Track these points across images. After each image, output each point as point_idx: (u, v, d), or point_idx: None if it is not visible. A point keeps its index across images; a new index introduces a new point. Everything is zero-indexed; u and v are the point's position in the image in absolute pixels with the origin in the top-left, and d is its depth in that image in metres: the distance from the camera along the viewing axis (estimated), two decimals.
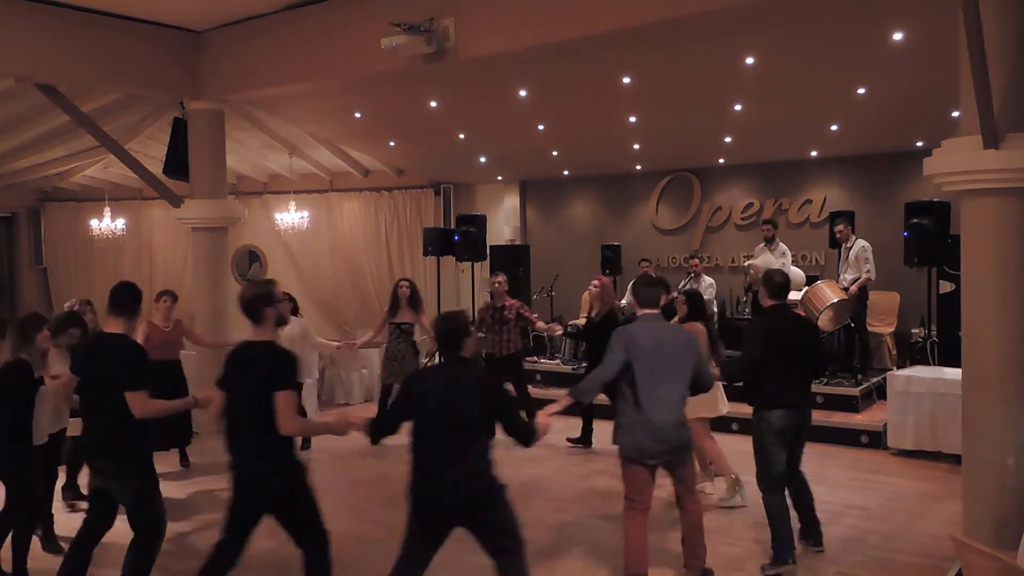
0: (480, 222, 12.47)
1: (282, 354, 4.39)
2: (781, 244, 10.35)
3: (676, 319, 6.80)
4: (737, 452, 8.29)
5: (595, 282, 8.66)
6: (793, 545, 5.39)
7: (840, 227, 9.83)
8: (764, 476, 5.52)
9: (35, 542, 5.58)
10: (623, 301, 11.65)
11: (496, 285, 9.12)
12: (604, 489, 7.22)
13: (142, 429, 4.71)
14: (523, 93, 9.42)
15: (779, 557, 5.35)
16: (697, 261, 11.07)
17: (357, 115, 10.99)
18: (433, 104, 10.08)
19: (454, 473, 4.11)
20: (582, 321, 12.03)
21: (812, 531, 5.75)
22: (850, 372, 9.57)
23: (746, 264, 10.18)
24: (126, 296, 4.83)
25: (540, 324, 9.26)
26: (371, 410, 10.88)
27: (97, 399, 4.73)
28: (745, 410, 9.24)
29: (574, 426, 8.85)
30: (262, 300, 4.43)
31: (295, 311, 8.73)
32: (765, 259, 10.01)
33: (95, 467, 4.83)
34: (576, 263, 13.13)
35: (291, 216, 13.84)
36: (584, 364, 11.03)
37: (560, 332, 9.92)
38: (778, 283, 5.61)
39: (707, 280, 10.84)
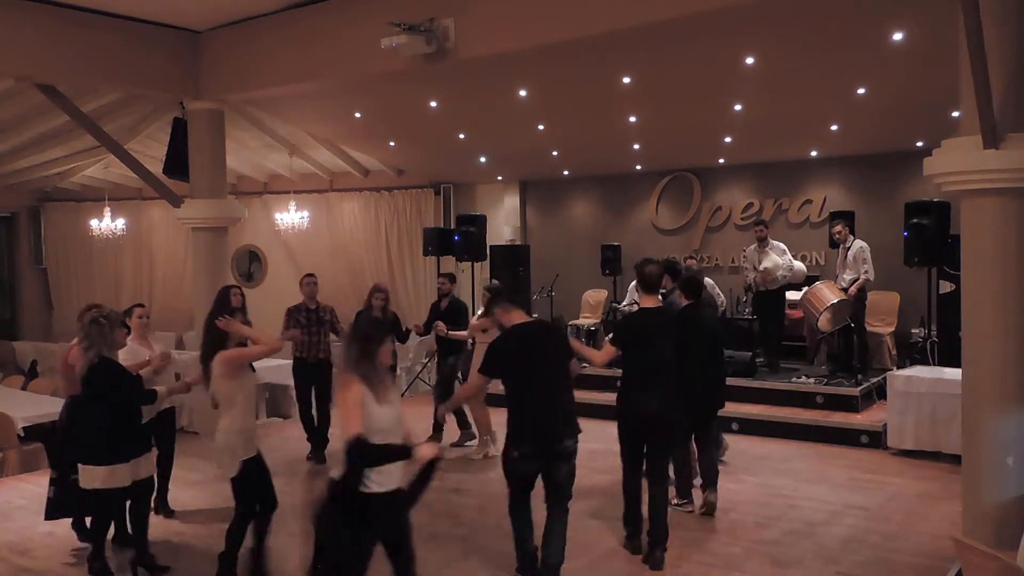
0: (480, 222, 12.47)
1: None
2: (776, 242, 10.35)
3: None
4: (739, 452, 8.30)
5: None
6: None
7: (838, 227, 9.84)
8: None
9: None
10: (624, 303, 11.66)
11: (309, 286, 8.72)
12: (604, 489, 7.21)
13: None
14: (523, 93, 9.42)
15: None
16: (694, 261, 11.07)
17: (357, 115, 10.99)
18: (433, 104, 10.08)
19: None
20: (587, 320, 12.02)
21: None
22: (850, 372, 9.57)
23: (760, 268, 10.12)
24: None
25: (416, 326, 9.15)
26: None
27: None
28: (743, 409, 9.31)
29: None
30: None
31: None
32: (773, 261, 10.01)
33: None
34: (576, 263, 13.14)
35: (291, 216, 13.84)
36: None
37: (444, 332, 9.11)
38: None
39: (707, 280, 10.81)
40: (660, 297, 6.07)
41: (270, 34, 8.87)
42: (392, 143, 12.58)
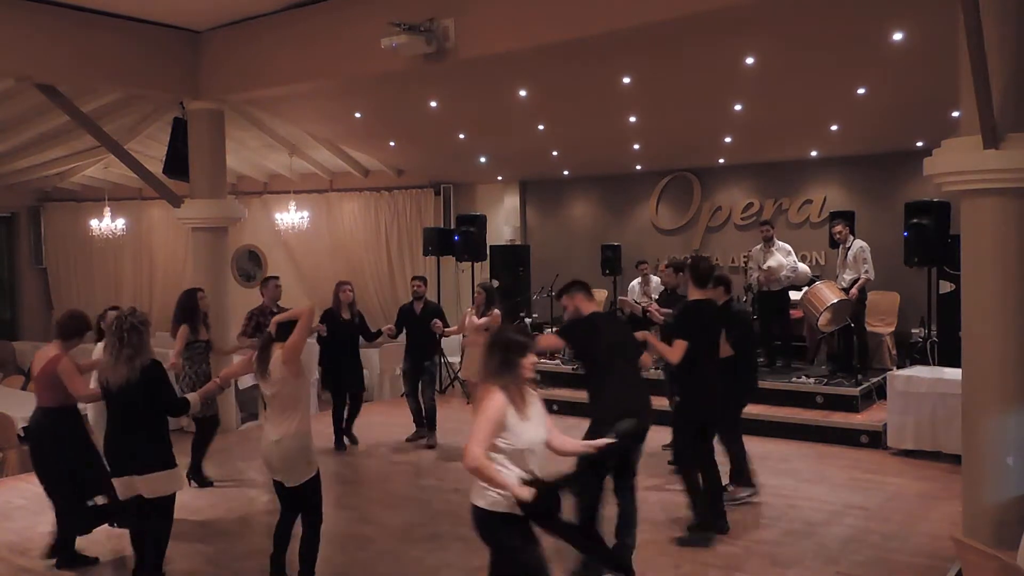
0: (480, 222, 12.47)
1: None
2: (782, 243, 10.36)
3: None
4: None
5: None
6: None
7: (838, 227, 9.83)
8: None
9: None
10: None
11: (275, 289, 8.48)
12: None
13: None
14: (523, 93, 9.42)
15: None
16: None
17: (357, 115, 10.99)
18: (433, 104, 10.08)
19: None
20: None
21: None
22: (850, 372, 9.56)
23: (764, 267, 10.13)
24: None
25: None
26: (371, 410, 10.90)
27: None
28: (745, 409, 9.29)
29: None
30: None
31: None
32: (777, 260, 10.01)
33: None
34: (576, 263, 13.12)
35: (291, 216, 13.84)
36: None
37: (442, 331, 9.20)
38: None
39: None
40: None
41: (270, 34, 8.88)
42: (392, 143, 12.58)
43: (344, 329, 8.86)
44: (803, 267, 10.47)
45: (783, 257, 10.10)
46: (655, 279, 11.59)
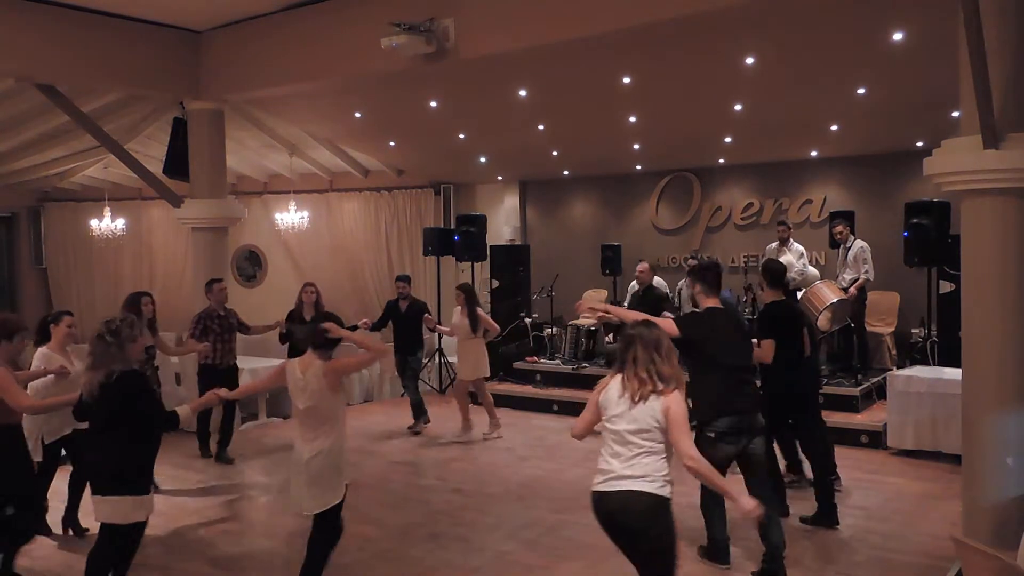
0: (480, 222, 12.47)
1: None
2: (796, 244, 10.35)
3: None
4: None
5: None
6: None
7: (839, 227, 9.83)
8: None
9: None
10: (624, 303, 11.65)
11: (221, 292, 8.29)
12: None
13: None
14: (523, 93, 9.42)
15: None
16: (695, 262, 11.06)
17: (357, 115, 10.99)
18: (433, 104, 10.08)
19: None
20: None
21: None
22: (850, 372, 9.56)
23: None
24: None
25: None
26: (370, 410, 10.91)
27: None
28: None
29: None
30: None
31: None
32: (786, 260, 10.01)
33: None
34: (576, 263, 13.13)
35: (291, 216, 13.85)
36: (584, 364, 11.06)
37: (435, 327, 9.79)
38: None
39: None
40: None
41: (270, 34, 8.88)
42: (392, 143, 12.58)
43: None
44: (812, 271, 10.43)
45: (794, 259, 10.09)
46: (656, 278, 11.60)
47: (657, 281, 11.51)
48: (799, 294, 10.36)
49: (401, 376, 9.75)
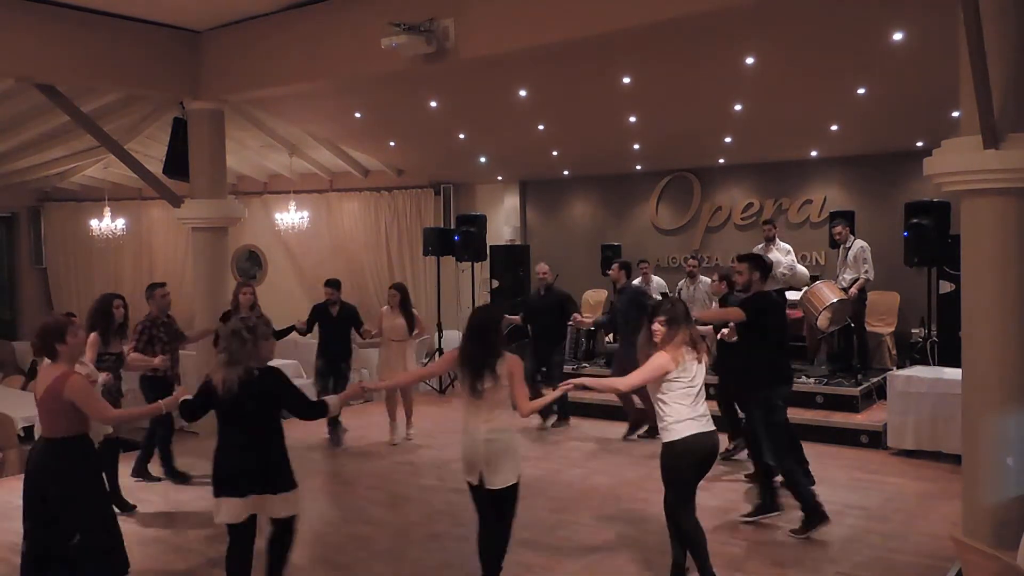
0: (480, 222, 12.47)
1: None
2: (783, 243, 10.37)
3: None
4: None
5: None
6: None
7: (838, 228, 9.83)
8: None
9: None
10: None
11: (164, 297, 7.67)
12: (604, 489, 7.22)
13: None
14: (523, 93, 9.42)
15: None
16: (695, 262, 11.07)
17: (357, 115, 10.99)
18: (433, 104, 10.08)
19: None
20: None
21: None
22: (850, 372, 9.56)
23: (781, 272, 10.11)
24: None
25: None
26: (369, 410, 10.90)
27: None
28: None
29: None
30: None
31: None
32: (775, 257, 10.02)
33: None
34: (576, 263, 13.13)
35: (291, 216, 13.85)
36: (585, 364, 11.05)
37: (373, 335, 9.07)
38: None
39: (705, 280, 10.79)
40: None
41: (270, 34, 8.87)
42: (392, 143, 12.58)
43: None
44: (801, 268, 10.46)
45: (781, 256, 10.10)
46: (656, 279, 11.60)
47: (657, 282, 11.52)
48: (791, 292, 10.43)
49: (321, 382, 8.93)
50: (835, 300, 9.15)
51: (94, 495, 4.60)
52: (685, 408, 4.82)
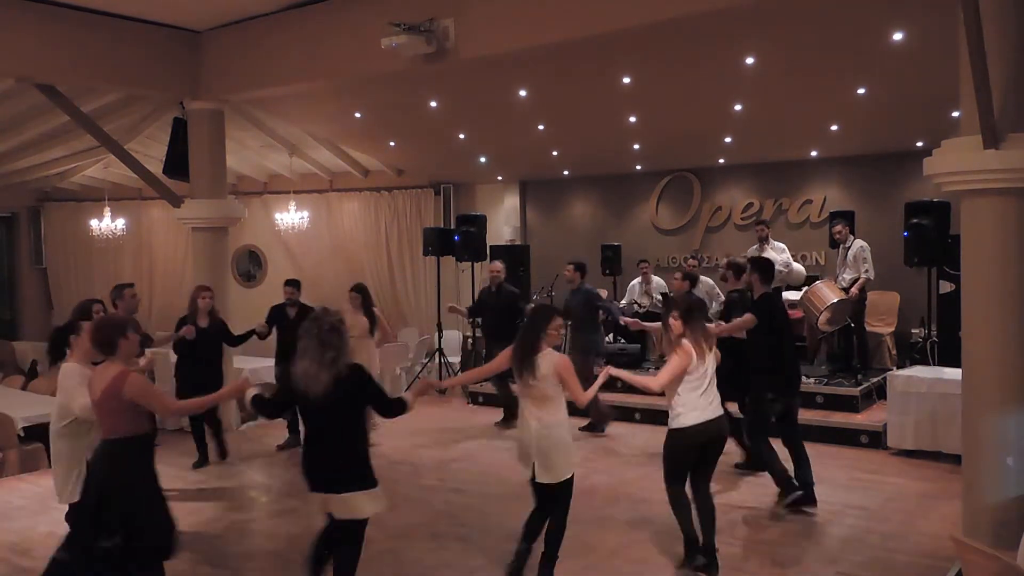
0: (480, 222, 12.47)
1: None
2: (777, 242, 10.37)
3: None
4: (737, 452, 8.30)
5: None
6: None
7: (838, 227, 9.83)
8: None
9: None
10: (623, 301, 11.66)
11: (131, 298, 7.41)
12: (604, 489, 7.22)
13: None
14: (523, 93, 9.42)
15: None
16: (695, 262, 11.07)
17: (357, 115, 10.99)
18: (433, 104, 10.08)
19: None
20: None
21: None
22: (850, 372, 9.56)
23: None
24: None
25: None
26: (370, 410, 10.89)
27: None
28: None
29: None
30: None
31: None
32: (769, 256, 10.02)
33: None
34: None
35: (291, 216, 13.85)
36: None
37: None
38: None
39: (705, 280, 10.79)
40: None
41: (270, 34, 8.88)
42: (392, 143, 12.58)
43: (200, 337, 8.05)
44: (797, 266, 10.45)
45: (776, 255, 10.10)
46: (656, 279, 11.60)
47: (657, 282, 11.54)
48: (790, 292, 10.42)
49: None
50: (835, 300, 9.15)
51: (156, 496, 4.47)
52: (694, 398, 5.21)
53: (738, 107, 9.55)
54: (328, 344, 4.33)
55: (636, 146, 11.62)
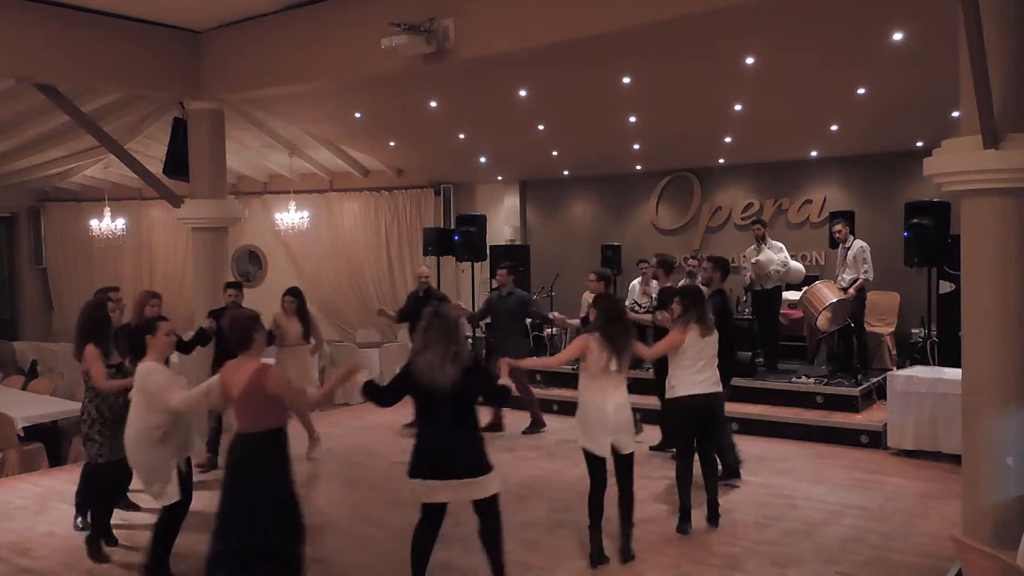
0: (480, 222, 12.47)
1: None
2: (774, 241, 10.37)
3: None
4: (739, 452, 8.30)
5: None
6: None
7: (838, 227, 9.83)
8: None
9: None
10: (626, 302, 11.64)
11: (118, 301, 6.99)
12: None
13: None
14: (523, 93, 9.42)
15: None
16: (695, 261, 11.07)
17: (357, 115, 10.99)
18: (433, 104, 10.08)
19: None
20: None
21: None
22: (850, 372, 9.56)
23: (752, 261, 10.16)
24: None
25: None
26: (370, 410, 10.90)
27: None
28: (744, 409, 9.30)
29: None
30: None
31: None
32: (767, 255, 10.02)
33: None
34: (576, 263, 13.13)
35: (291, 216, 13.86)
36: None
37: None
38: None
39: None
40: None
41: (270, 34, 8.88)
42: (392, 143, 12.58)
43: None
44: (795, 264, 10.44)
45: (773, 254, 10.09)
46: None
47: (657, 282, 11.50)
48: (798, 295, 10.42)
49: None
50: (835, 300, 9.16)
51: (291, 489, 4.60)
52: (687, 373, 5.97)
53: (738, 107, 9.55)
54: (452, 339, 4.59)
55: (636, 146, 11.62)
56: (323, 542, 6.06)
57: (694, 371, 5.96)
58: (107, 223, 14.46)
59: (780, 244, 10.39)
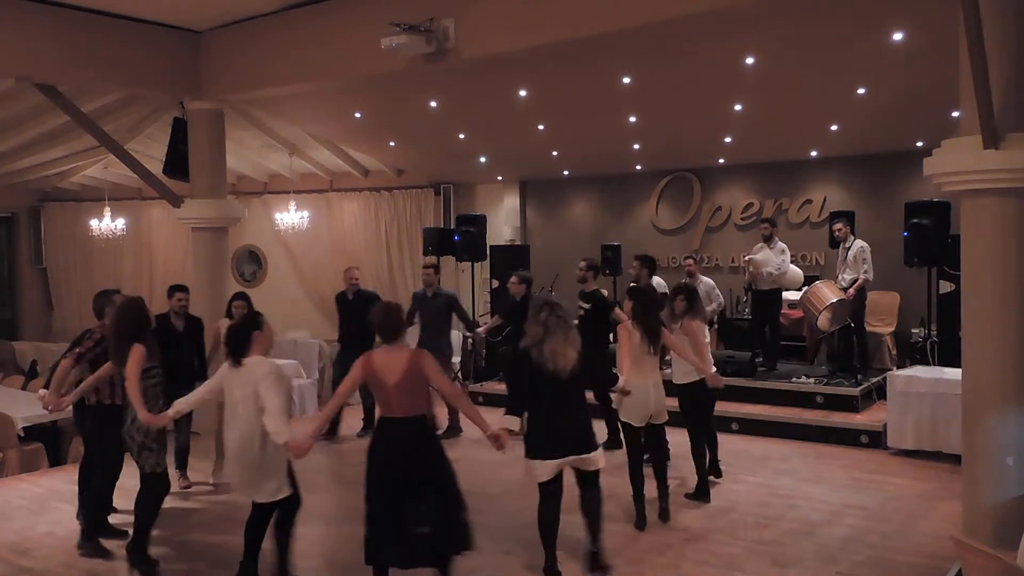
0: (480, 222, 12.47)
1: None
2: (780, 242, 10.37)
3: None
4: (739, 452, 8.30)
5: None
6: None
7: (839, 226, 9.83)
8: None
9: None
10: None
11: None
12: (603, 489, 7.19)
13: None
14: (523, 93, 9.42)
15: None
16: (692, 261, 11.07)
17: (357, 115, 10.99)
18: (433, 104, 10.08)
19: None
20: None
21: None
22: (850, 372, 9.56)
23: (745, 259, 10.18)
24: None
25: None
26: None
27: None
28: (743, 409, 9.30)
29: None
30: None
31: None
32: (765, 255, 10.02)
33: None
34: (576, 263, 13.08)
35: (291, 216, 13.85)
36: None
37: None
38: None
39: (705, 280, 10.78)
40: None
41: (270, 34, 8.88)
42: (392, 143, 12.58)
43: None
44: (795, 269, 10.41)
45: (774, 256, 10.08)
46: (656, 278, 11.58)
47: (657, 281, 11.50)
48: (798, 295, 10.42)
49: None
50: (835, 300, 9.16)
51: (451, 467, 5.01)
52: (678, 363, 6.83)
53: (738, 107, 9.55)
54: (568, 324, 5.08)
55: (636, 146, 11.62)
56: (324, 542, 6.03)
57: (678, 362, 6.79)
58: (107, 223, 14.45)
59: (783, 247, 10.37)
